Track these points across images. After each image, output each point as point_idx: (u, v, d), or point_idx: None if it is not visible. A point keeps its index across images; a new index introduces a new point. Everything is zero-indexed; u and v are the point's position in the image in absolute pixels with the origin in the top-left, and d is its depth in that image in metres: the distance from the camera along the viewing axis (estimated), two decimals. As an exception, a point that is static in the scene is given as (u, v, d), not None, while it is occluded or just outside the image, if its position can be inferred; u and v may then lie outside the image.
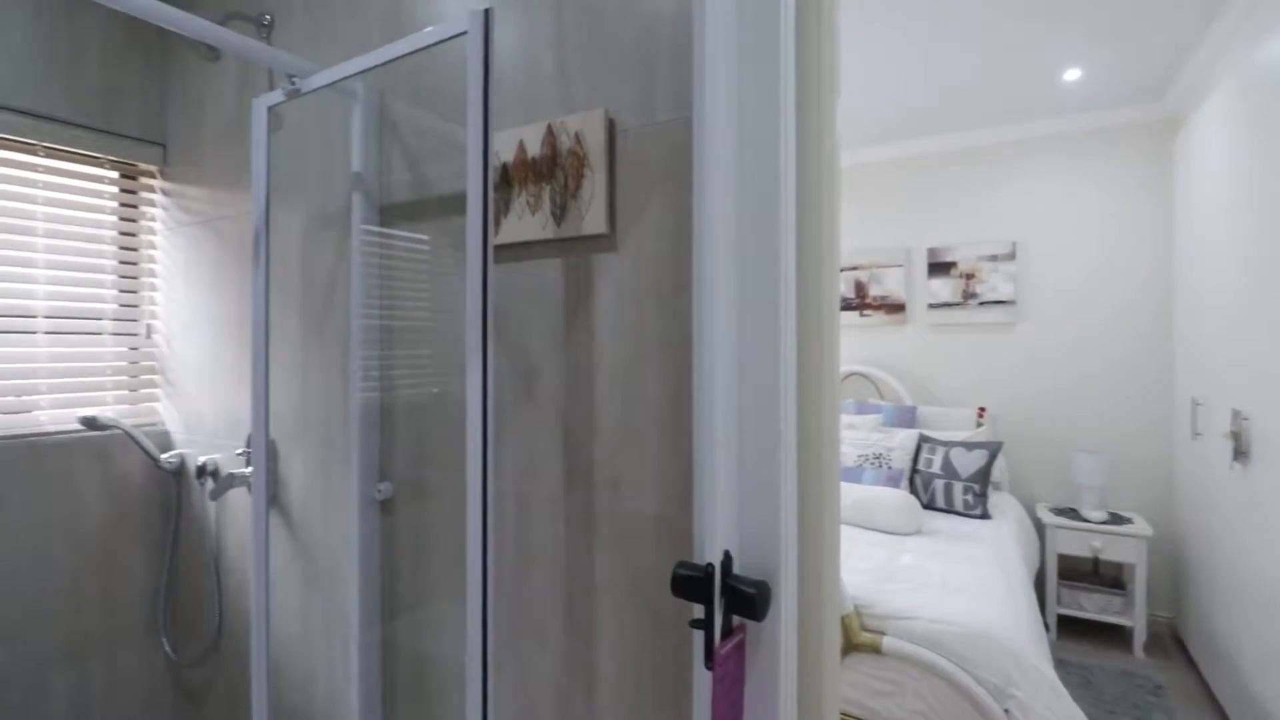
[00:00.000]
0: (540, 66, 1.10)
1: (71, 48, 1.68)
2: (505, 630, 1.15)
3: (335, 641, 1.44)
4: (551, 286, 1.09)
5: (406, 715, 1.32)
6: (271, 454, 1.56)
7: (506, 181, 1.11)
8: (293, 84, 1.18)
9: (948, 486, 3.08)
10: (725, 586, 0.69)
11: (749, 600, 0.67)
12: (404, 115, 1.29)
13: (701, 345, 0.73)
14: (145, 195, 1.87)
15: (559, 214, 1.05)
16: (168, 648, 1.83)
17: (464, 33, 0.96)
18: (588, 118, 1.03)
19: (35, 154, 1.65)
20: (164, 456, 1.81)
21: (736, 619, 0.71)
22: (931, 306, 3.69)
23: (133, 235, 1.84)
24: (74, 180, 1.72)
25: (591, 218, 1.02)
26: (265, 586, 1.36)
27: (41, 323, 1.66)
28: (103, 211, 1.78)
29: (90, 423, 1.66)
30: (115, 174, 1.81)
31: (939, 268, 3.66)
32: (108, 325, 1.79)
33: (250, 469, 1.62)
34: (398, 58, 1.05)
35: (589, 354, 1.04)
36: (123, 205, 1.83)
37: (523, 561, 1.12)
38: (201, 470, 1.74)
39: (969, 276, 3.59)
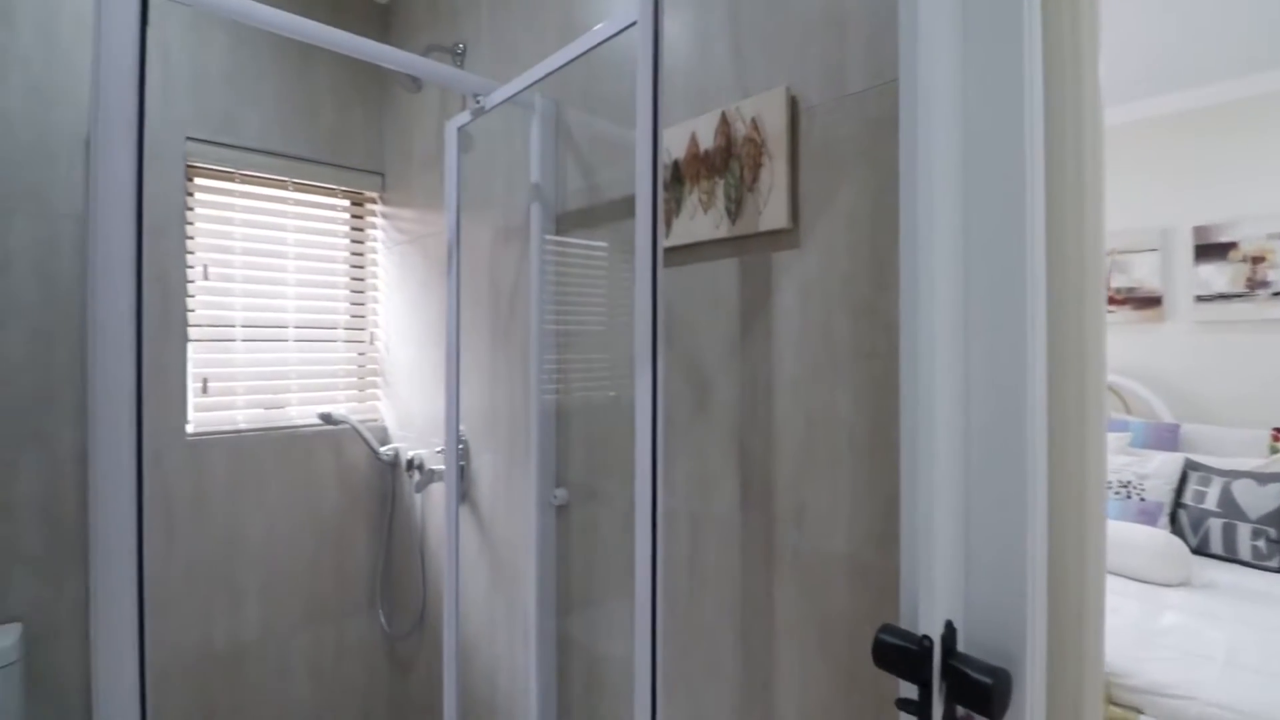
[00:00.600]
0: (712, 50, 1.01)
1: (309, 96, 1.95)
2: (675, 655, 1.07)
3: (516, 635, 1.49)
4: (726, 290, 0.99)
5: (581, 712, 1.31)
6: (464, 452, 1.66)
7: (678, 179, 1.04)
8: (478, 103, 1.23)
9: (1229, 528, 2.43)
10: (947, 667, 0.54)
11: (981, 692, 0.52)
12: (578, 122, 1.29)
13: (915, 356, 0.59)
14: (369, 219, 2.12)
15: (734, 210, 0.96)
16: (383, 620, 2.05)
17: (633, 24, 0.91)
18: (766, 99, 0.91)
19: (286, 189, 1.94)
20: (382, 449, 2.03)
21: (961, 710, 0.55)
22: (1200, 299, 2.95)
23: (360, 254, 2.10)
24: (314, 209, 2.01)
25: (770, 211, 0.91)
26: (456, 578, 1.44)
27: (291, 332, 1.95)
28: (336, 235, 2.05)
29: (326, 418, 1.92)
30: (346, 202, 2.07)
31: (1210, 250, 2.93)
32: (341, 333, 2.06)
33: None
34: (570, 61, 1.03)
35: (767, 365, 0.93)
36: (352, 229, 2.09)
37: (695, 584, 1.04)
38: (410, 464, 1.92)
39: (1256, 260, 2.81)
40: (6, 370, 1.48)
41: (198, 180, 1.79)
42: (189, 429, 1.75)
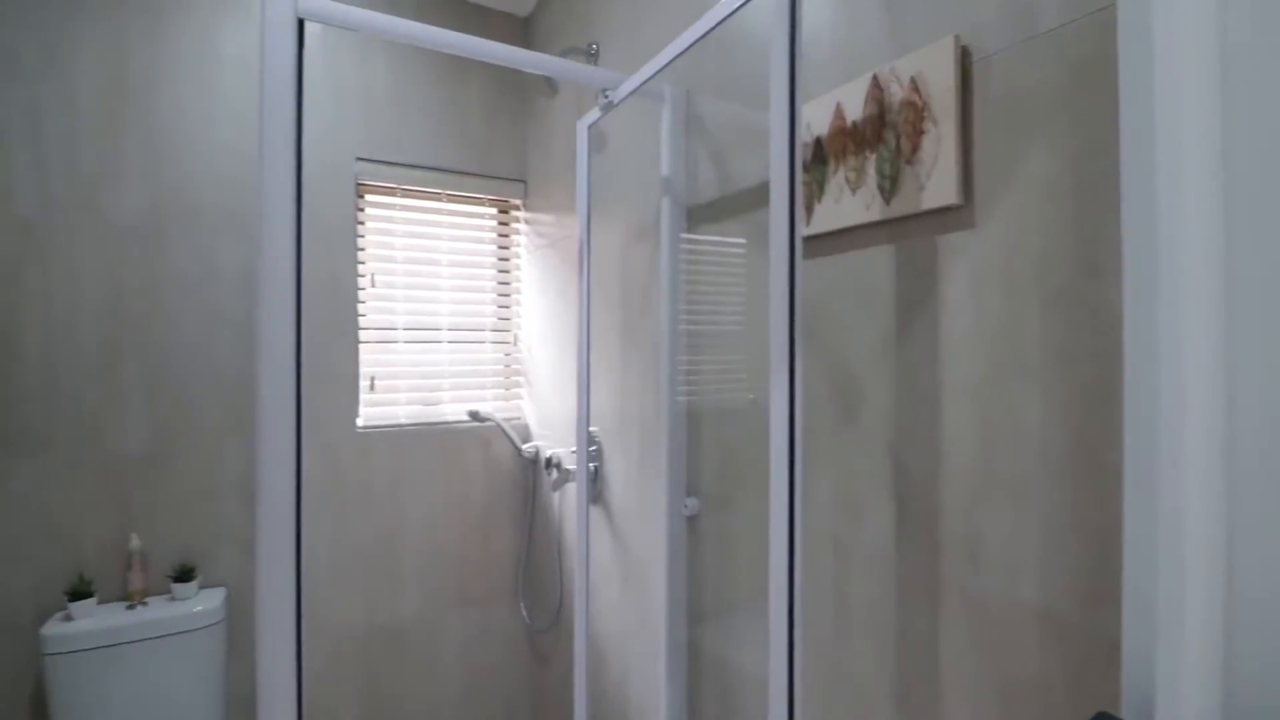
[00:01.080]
0: (859, 5, 0.88)
1: (460, 112, 2.06)
2: (817, 694, 0.96)
3: (648, 645, 1.44)
4: (878, 281, 0.86)
5: (711, 750, 1.23)
6: (596, 454, 1.65)
7: (820, 159, 0.92)
8: (606, 97, 1.20)
9: None
10: (1205, 791, 0.39)
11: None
12: (709, 110, 1.21)
13: (1152, 357, 0.44)
14: (513, 225, 2.20)
15: (888, 188, 0.82)
16: (524, 613, 2.12)
17: (769, -14, 0.81)
18: (928, 54, 0.77)
19: (441, 200, 2.07)
20: (524, 447, 2.10)
21: None
22: None
23: (505, 259, 2.19)
24: (464, 218, 2.12)
25: (936, 186, 0.77)
26: (586, 581, 1.43)
27: (445, 334, 2.08)
28: (484, 241, 2.15)
29: (474, 415, 2.02)
30: (493, 210, 2.17)
31: None
32: (488, 335, 2.16)
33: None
34: (698, 39, 0.95)
35: (931, 367, 0.79)
36: (498, 235, 2.18)
37: (840, 620, 0.92)
38: (549, 462, 1.96)
39: None
40: (215, 369, 1.72)
41: (367, 197, 1.97)
42: (359, 422, 1.92)
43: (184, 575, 1.62)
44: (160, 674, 1.53)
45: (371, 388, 1.97)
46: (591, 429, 1.68)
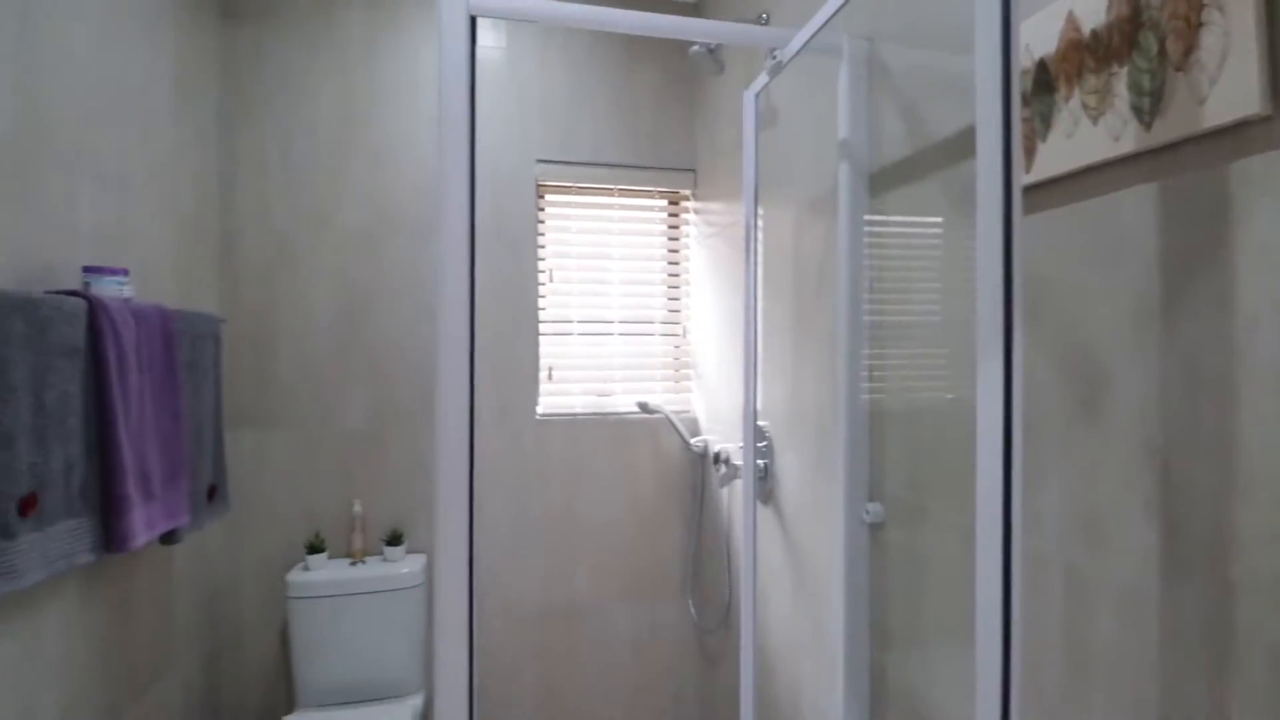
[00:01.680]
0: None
1: (632, 106, 2.08)
2: (1039, 757, 0.77)
3: (821, 660, 1.31)
4: (1135, 232, 0.66)
5: (897, 794, 1.07)
6: (766, 450, 1.55)
7: (1044, 86, 0.74)
8: (774, 58, 1.09)
9: None
10: None
11: None
12: (896, 57, 1.05)
13: None
14: (683, 216, 2.17)
15: (1149, 106, 0.62)
16: (692, 611, 2.07)
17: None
18: (1219, -84, 0.56)
19: (613, 194, 2.10)
20: (692, 441, 2.05)
21: None
22: None
23: (674, 250, 2.16)
24: (635, 212, 2.13)
25: (1225, 93, 0.56)
26: (753, 585, 1.33)
27: (616, 326, 2.11)
28: (654, 234, 2.15)
29: (643, 406, 2.02)
30: (663, 201, 2.16)
31: None
32: (658, 327, 2.15)
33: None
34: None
35: (1221, 344, 0.58)
36: (668, 227, 2.17)
37: (1073, 671, 0.73)
38: (716, 457, 1.90)
39: None
40: (419, 359, 1.91)
41: (547, 196, 2.06)
42: (539, 410, 2.02)
43: (394, 540, 1.83)
44: (372, 623, 1.73)
45: (549, 377, 2.06)
46: (761, 423, 1.58)
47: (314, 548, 1.77)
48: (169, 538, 1.34)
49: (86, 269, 1.18)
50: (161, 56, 1.51)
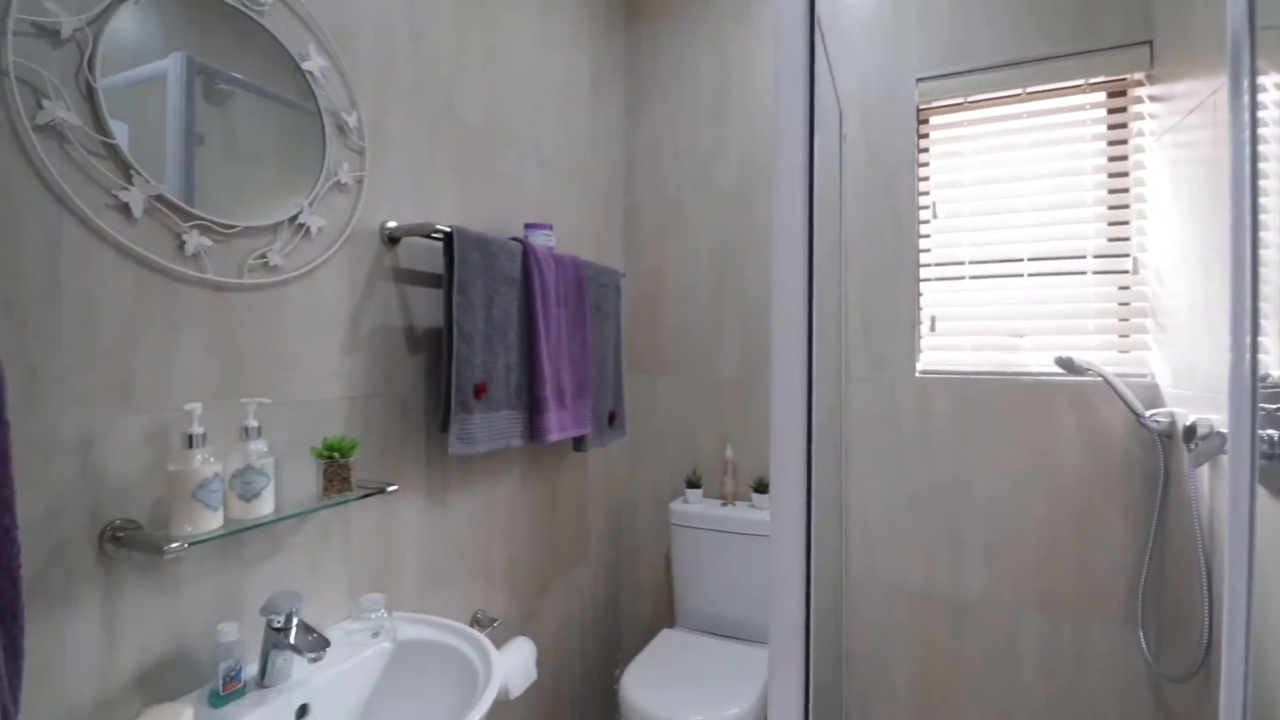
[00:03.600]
0: None
1: (1049, -26, 1.63)
2: None
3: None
4: None
5: None
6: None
7: None
8: None
9: None
10: None
11: None
12: None
13: None
14: (1131, 111, 1.60)
15: None
16: (1144, 646, 1.50)
17: None
18: None
19: (1020, 101, 1.69)
20: (1149, 414, 1.49)
21: None
22: None
23: (1119, 159, 1.61)
24: (1053, 117, 1.67)
25: None
26: (1245, 619, 0.86)
27: (1025, 265, 1.69)
28: (1082, 141, 1.64)
29: (1066, 364, 1.56)
30: (1097, 96, 1.63)
31: None
32: (1090, 263, 1.64)
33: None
34: None
35: None
36: (1107, 129, 1.63)
37: None
38: (1190, 432, 1.33)
39: None
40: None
41: (931, 120, 1.80)
42: (918, 367, 1.77)
43: (761, 488, 1.85)
44: (739, 564, 1.78)
45: (932, 328, 1.78)
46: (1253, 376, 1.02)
47: (691, 483, 1.93)
48: (579, 444, 1.64)
49: (526, 225, 1.53)
50: (581, 61, 1.87)
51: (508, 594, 1.55)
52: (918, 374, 1.77)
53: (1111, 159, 1.62)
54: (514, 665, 1.39)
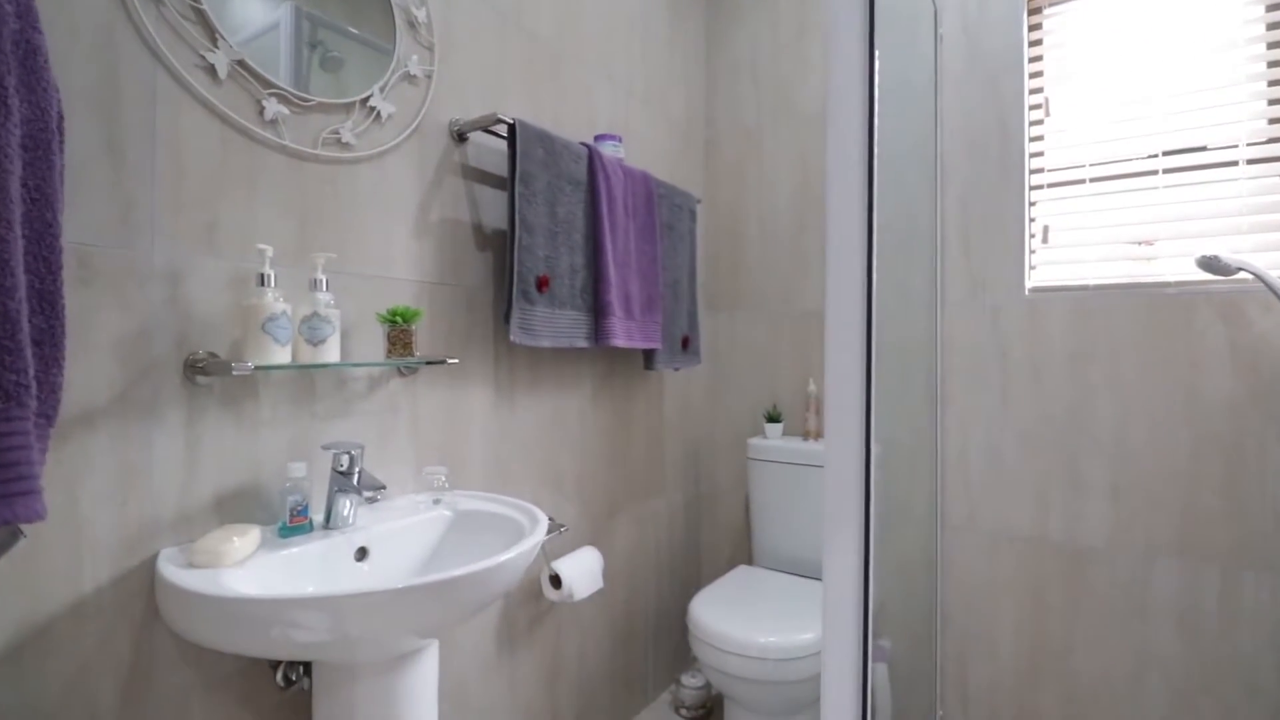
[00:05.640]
0: None
1: None
2: None
3: None
4: None
5: None
6: None
7: None
8: None
9: None
10: None
11: None
12: None
13: None
14: (1301, -38, 1.34)
15: None
16: (1322, 596, 1.24)
17: None
18: None
19: (1151, -31, 1.47)
20: (1324, 322, 1.24)
21: None
22: None
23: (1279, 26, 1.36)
24: (1198, -18, 1.43)
25: None
26: None
27: (1160, 161, 1.47)
28: (1231, 5, 1.40)
29: (1210, 264, 1.33)
30: (1255, -47, 1.38)
31: None
32: (1242, 152, 1.40)
33: None
34: None
35: None
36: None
37: None
38: (1379, 329, 1.09)
39: None
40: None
41: (1045, 10, 1.61)
42: (1027, 284, 1.59)
43: (844, 422, 1.73)
44: (816, 499, 1.67)
45: (1045, 240, 1.59)
46: None
47: (771, 418, 1.84)
48: (649, 362, 1.61)
49: (596, 136, 1.53)
50: (657, -15, 1.85)
51: (578, 505, 1.55)
52: (1028, 291, 1.58)
53: (1270, 26, 1.37)
54: (578, 567, 1.38)
